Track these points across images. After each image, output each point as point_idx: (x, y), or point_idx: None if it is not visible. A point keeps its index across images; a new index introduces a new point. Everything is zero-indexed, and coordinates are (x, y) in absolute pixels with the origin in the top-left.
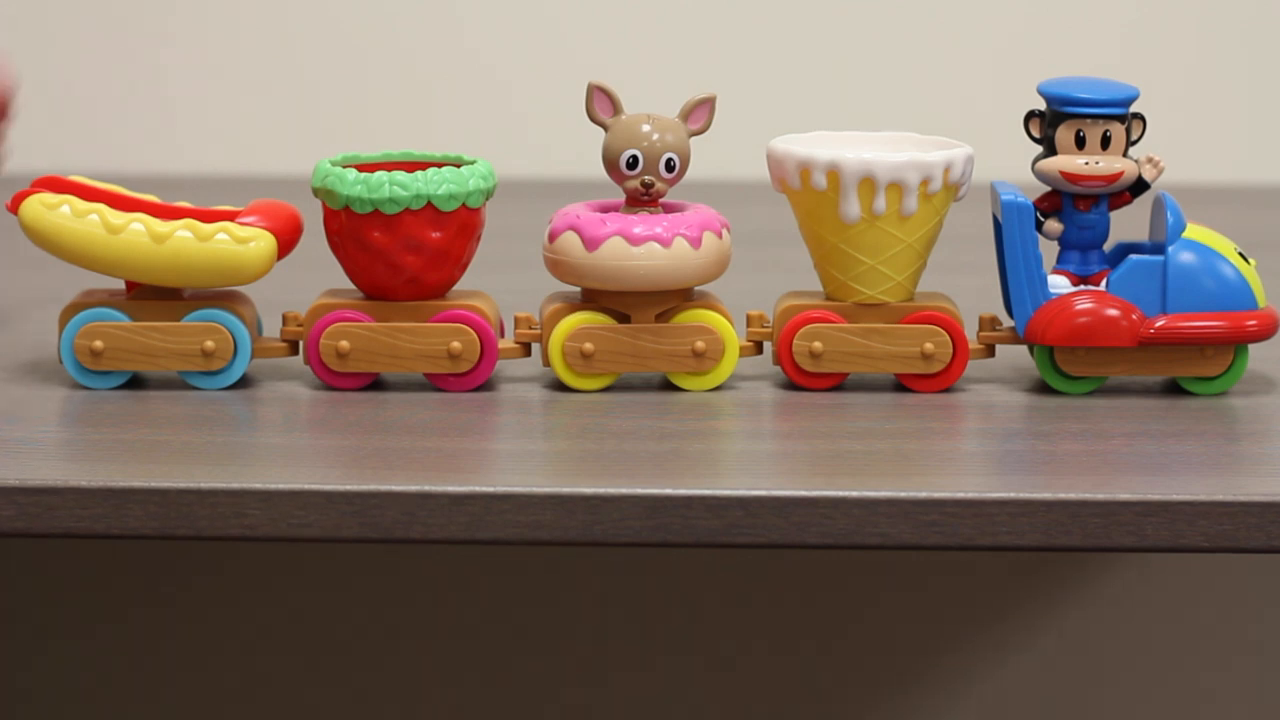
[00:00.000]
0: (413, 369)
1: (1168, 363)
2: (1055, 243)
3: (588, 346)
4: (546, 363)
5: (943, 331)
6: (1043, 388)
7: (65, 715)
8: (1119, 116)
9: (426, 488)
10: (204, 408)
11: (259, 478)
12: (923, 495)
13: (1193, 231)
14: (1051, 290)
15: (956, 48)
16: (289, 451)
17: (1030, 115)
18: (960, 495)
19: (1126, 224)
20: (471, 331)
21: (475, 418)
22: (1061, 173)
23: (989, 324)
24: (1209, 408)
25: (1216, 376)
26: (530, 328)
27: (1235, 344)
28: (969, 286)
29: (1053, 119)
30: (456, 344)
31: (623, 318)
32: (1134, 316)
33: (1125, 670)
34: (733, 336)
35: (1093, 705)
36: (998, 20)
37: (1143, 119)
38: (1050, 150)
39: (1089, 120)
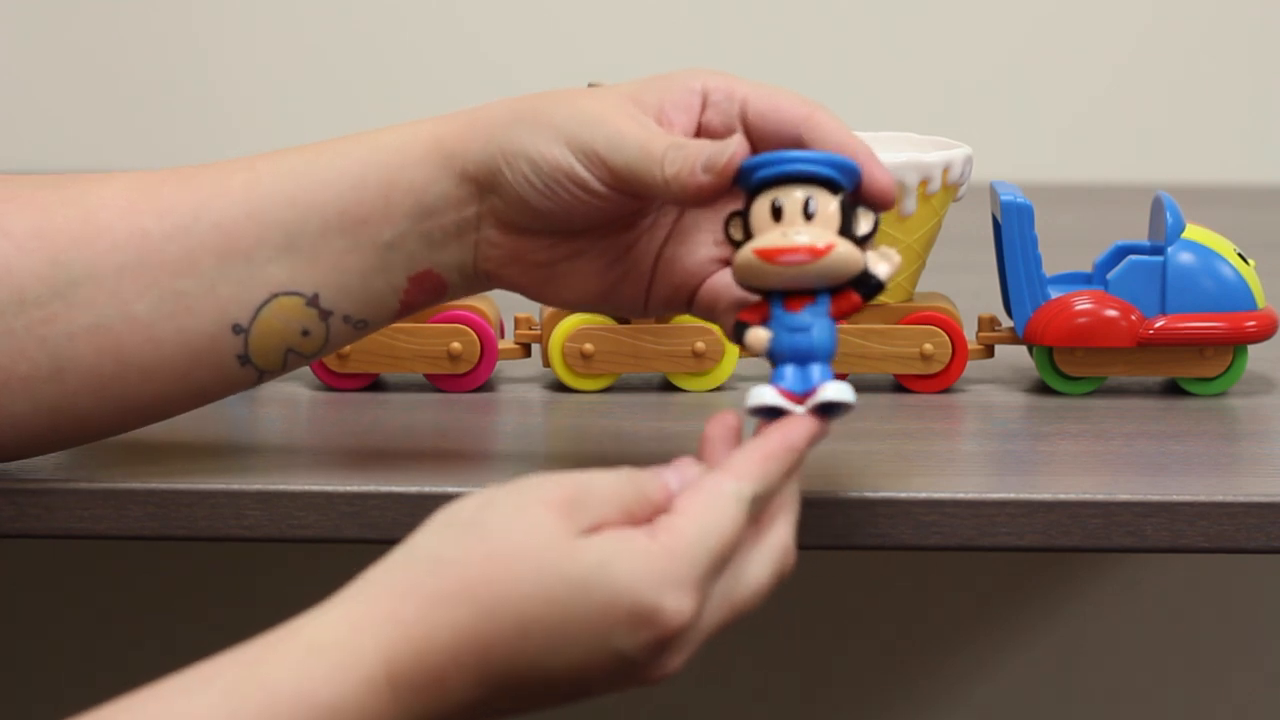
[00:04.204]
0: (413, 369)
1: (1167, 363)
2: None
3: (588, 347)
4: (546, 363)
5: (942, 332)
6: (1042, 388)
7: (66, 714)
8: None
9: (426, 488)
10: (204, 408)
11: (258, 478)
12: (923, 495)
13: (1192, 232)
14: None
15: (956, 47)
16: (289, 451)
17: None
18: (960, 495)
19: (1126, 225)
20: (471, 332)
21: (475, 418)
22: None
23: (988, 324)
24: (1209, 408)
25: (1216, 377)
26: (530, 328)
27: (1234, 344)
28: (968, 286)
29: None
30: (456, 344)
31: (622, 318)
32: (1133, 317)
33: (1125, 670)
34: None
35: (1093, 705)
36: (998, 21)
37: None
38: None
39: None
